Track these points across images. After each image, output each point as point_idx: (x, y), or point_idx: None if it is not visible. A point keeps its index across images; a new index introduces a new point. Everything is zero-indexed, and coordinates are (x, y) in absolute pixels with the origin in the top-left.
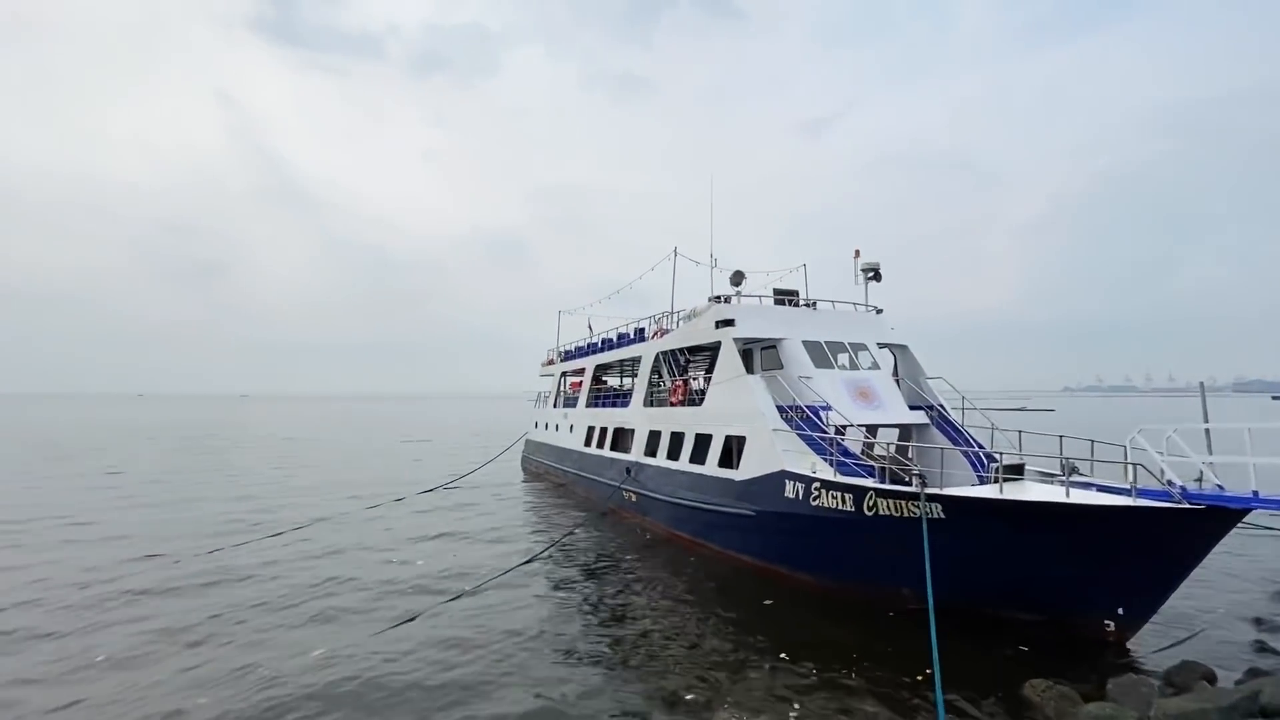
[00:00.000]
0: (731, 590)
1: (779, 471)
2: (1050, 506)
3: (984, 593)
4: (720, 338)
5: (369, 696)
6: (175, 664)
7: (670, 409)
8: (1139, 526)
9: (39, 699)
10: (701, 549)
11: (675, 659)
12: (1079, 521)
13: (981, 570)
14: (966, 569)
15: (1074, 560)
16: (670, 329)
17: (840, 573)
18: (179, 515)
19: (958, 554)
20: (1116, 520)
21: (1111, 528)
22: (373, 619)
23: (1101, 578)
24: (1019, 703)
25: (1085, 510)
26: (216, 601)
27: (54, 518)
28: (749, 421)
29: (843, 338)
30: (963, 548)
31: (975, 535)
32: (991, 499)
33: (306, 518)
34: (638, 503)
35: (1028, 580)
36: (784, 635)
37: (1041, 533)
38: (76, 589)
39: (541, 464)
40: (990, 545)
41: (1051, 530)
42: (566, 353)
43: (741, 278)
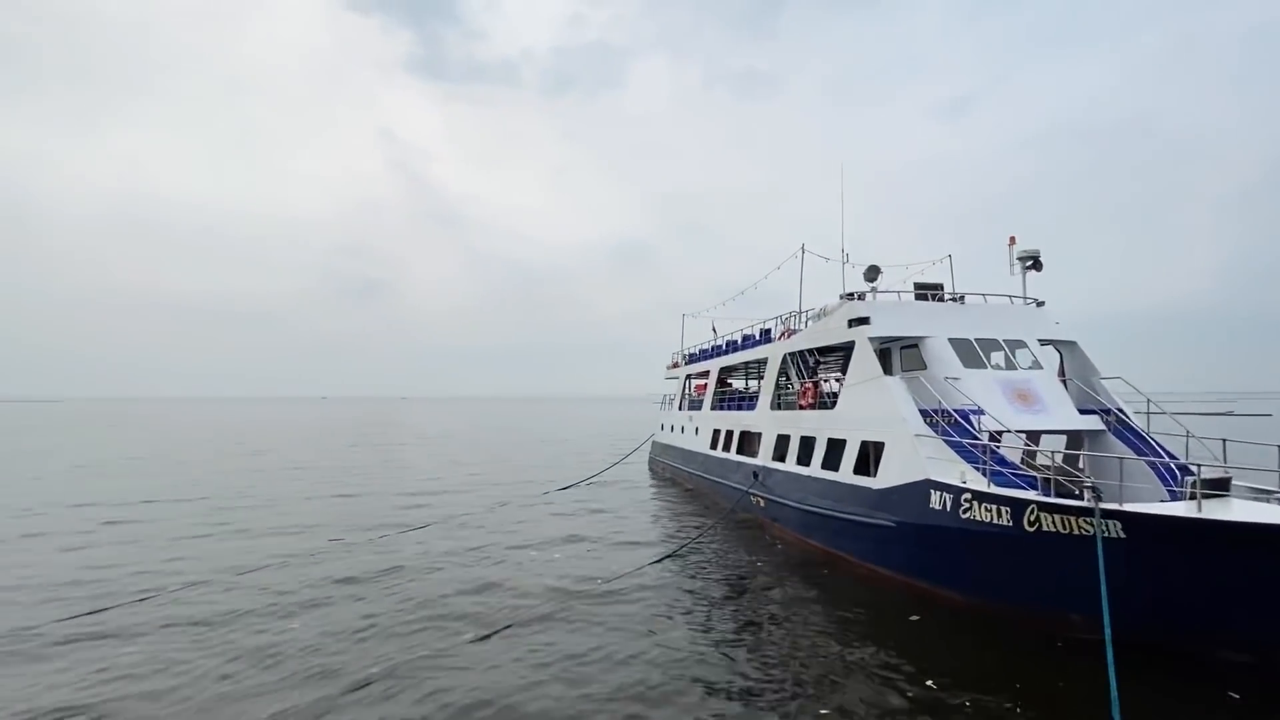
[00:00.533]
0: (871, 604)
1: (923, 480)
2: (1265, 529)
3: (1176, 625)
4: (854, 337)
5: (508, 685)
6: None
7: (799, 412)
8: None
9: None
10: (836, 558)
11: (809, 676)
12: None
13: (1173, 599)
14: (1154, 597)
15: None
16: (798, 329)
17: (995, 593)
18: (352, 507)
19: (1142, 579)
20: None
21: None
22: (516, 611)
23: None
24: None
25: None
26: (382, 588)
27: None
28: (888, 426)
29: (997, 334)
30: (1149, 572)
31: (1165, 559)
32: (1187, 518)
33: (456, 511)
34: (766, 508)
35: (1234, 614)
36: (932, 658)
37: (1253, 559)
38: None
39: (668, 465)
40: (1185, 571)
41: (1268, 557)
42: (691, 355)
43: (877, 272)
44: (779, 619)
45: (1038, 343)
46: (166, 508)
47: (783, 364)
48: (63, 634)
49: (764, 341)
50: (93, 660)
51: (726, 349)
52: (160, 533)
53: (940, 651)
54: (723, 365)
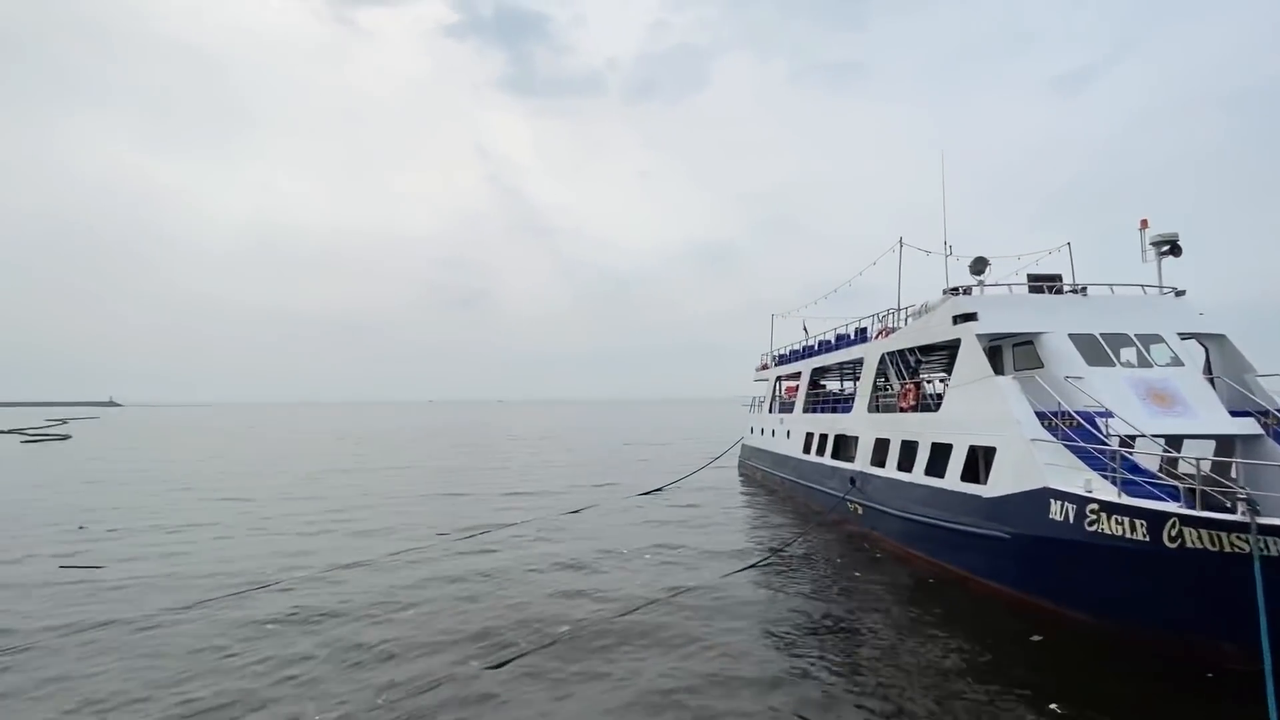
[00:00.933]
0: (985, 623)
1: (1041, 489)
2: None
3: None
4: (959, 334)
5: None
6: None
7: (900, 415)
8: None
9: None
10: (941, 570)
11: (917, 697)
12: None
13: None
14: None
15: None
16: (897, 327)
17: (1129, 615)
18: (454, 507)
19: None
20: None
21: None
22: (603, 615)
23: None
24: None
25: None
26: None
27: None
28: (999, 430)
29: (1127, 328)
30: None
31: None
32: None
33: (549, 513)
34: (864, 515)
35: None
36: (1056, 682)
37: None
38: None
39: (758, 469)
40: None
41: None
42: (781, 356)
43: (984, 264)
44: (882, 635)
45: (1177, 337)
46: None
47: (881, 364)
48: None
49: (860, 341)
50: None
51: (819, 349)
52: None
53: (1067, 677)
54: (815, 366)
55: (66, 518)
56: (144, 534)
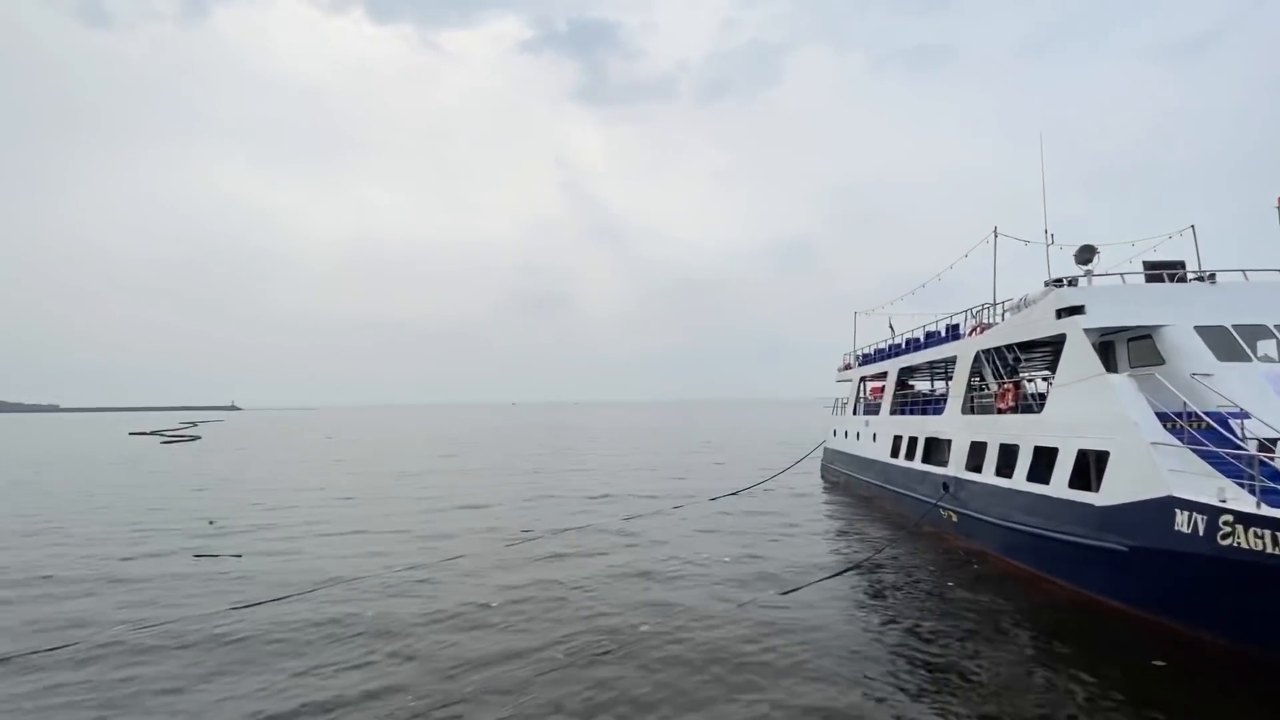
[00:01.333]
0: (1100, 642)
1: (1164, 498)
2: None
3: None
4: (1064, 329)
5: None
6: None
7: (998, 416)
8: None
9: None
10: (1048, 585)
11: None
12: None
13: None
14: None
15: None
16: (993, 323)
17: (1270, 638)
18: (537, 509)
19: None
20: None
21: None
22: (679, 619)
23: None
24: None
25: None
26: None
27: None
28: (1113, 432)
29: (1264, 319)
30: None
31: None
32: None
33: (631, 514)
34: (959, 523)
35: None
36: (1184, 710)
37: None
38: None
39: (841, 473)
40: None
41: None
42: (865, 356)
43: (1091, 253)
44: (981, 658)
45: None
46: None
47: (975, 362)
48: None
49: (951, 338)
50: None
51: (907, 348)
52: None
53: (1196, 707)
54: (902, 365)
55: (201, 509)
56: (270, 530)
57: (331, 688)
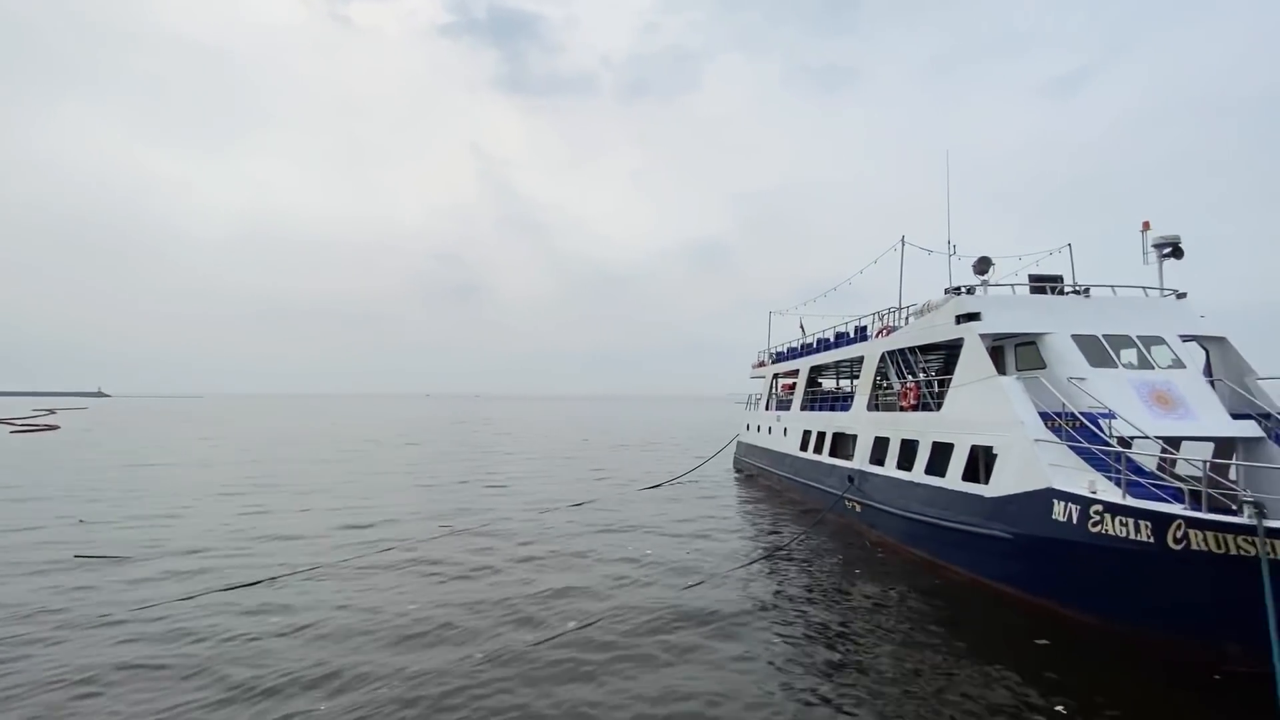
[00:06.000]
0: (989, 623)
1: (1044, 489)
2: None
3: None
4: (962, 334)
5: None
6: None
7: (900, 413)
8: None
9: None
10: (944, 571)
11: (920, 698)
12: None
13: None
14: None
15: None
16: (898, 326)
17: (1134, 616)
18: (446, 500)
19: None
20: None
21: None
22: (601, 613)
23: None
24: None
25: None
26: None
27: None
28: (1002, 430)
29: (1129, 330)
30: None
31: None
32: None
33: (545, 508)
34: (863, 514)
35: None
36: (1063, 684)
37: None
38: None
39: (754, 466)
40: None
41: None
42: (778, 354)
43: (988, 264)
44: (882, 636)
45: (1179, 339)
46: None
47: (881, 362)
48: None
49: (859, 339)
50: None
51: (817, 347)
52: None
53: (1072, 678)
54: (813, 364)
55: (66, 509)
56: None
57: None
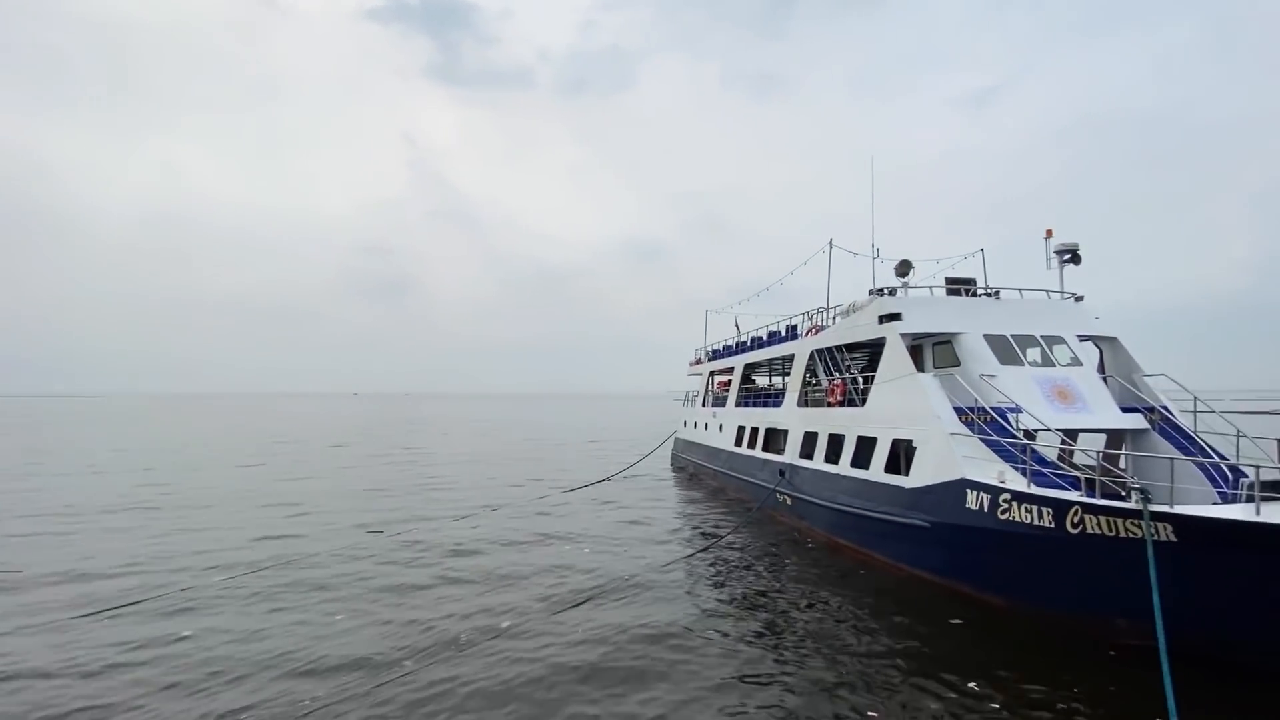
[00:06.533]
0: (909, 606)
1: (958, 480)
2: None
3: (1232, 636)
4: (884, 333)
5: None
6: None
7: (828, 409)
8: None
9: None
10: (868, 559)
11: (848, 678)
12: None
13: (1229, 608)
14: (1208, 605)
15: None
16: (826, 326)
17: (1037, 597)
18: (378, 504)
19: (1194, 585)
20: None
21: None
22: (539, 607)
23: None
24: None
25: None
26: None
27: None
28: (921, 424)
29: (1033, 330)
30: (1203, 579)
31: (1220, 565)
32: (1245, 522)
33: (478, 507)
34: (794, 506)
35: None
36: (973, 660)
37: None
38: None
39: (691, 462)
40: (1240, 578)
41: None
42: (714, 352)
43: (908, 267)
44: (811, 620)
45: (1077, 339)
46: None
47: (810, 360)
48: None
49: (790, 338)
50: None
51: (751, 345)
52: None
53: (983, 656)
54: (747, 362)
55: None
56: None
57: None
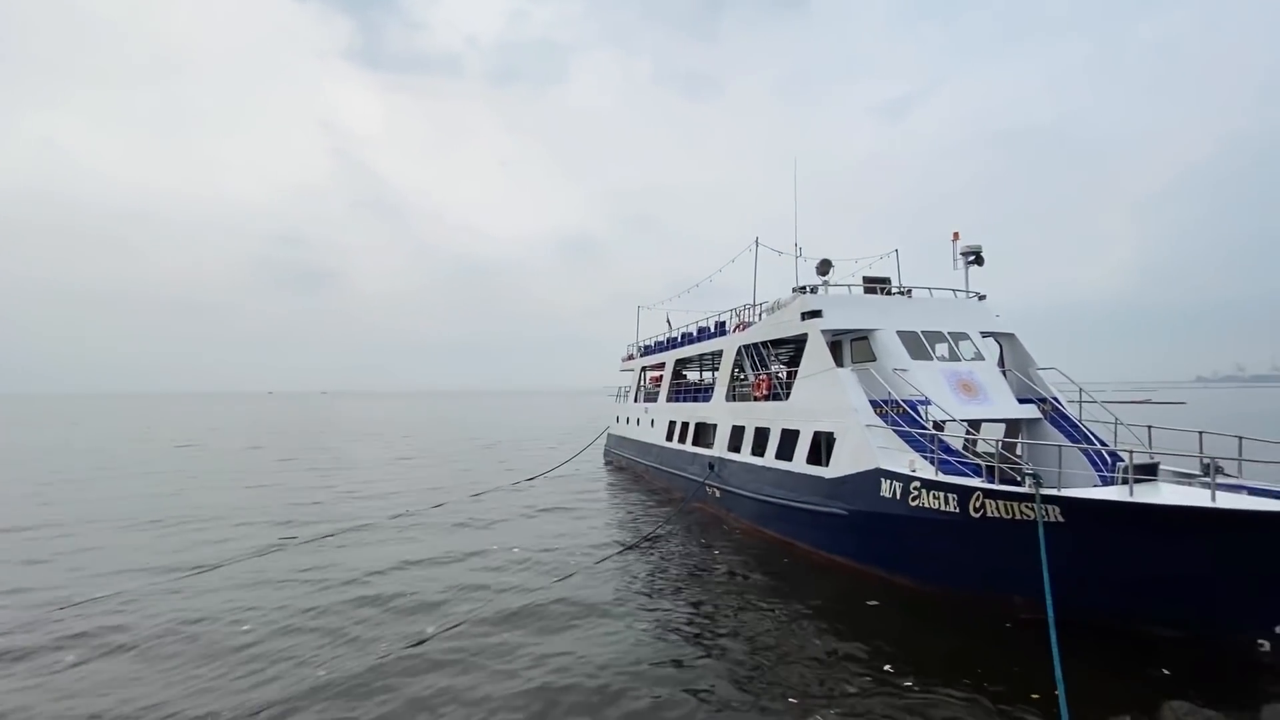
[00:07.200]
0: (828, 592)
1: (874, 469)
2: (1191, 511)
3: (1111, 605)
4: (806, 330)
5: (467, 673)
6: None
7: (754, 404)
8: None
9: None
10: (791, 547)
11: (768, 663)
12: (1228, 529)
13: (1107, 580)
14: (1089, 578)
15: (1220, 572)
16: (752, 322)
17: (944, 577)
18: (298, 510)
19: (1079, 562)
20: (1274, 527)
21: (1268, 535)
22: (471, 608)
23: (1254, 592)
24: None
25: (1235, 516)
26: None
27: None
28: (839, 417)
29: (941, 327)
30: (1085, 555)
31: (1100, 542)
32: (1120, 502)
33: (407, 509)
34: (722, 498)
35: (1163, 593)
36: (888, 642)
37: (1180, 541)
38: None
39: (624, 457)
40: (1118, 553)
41: (1193, 538)
42: (646, 348)
43: (829, 266)
44: (737, 608)
45: (980, 335)
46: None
47: (738, 356)
48: None
49: (719, 334)
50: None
51: (682, 341)
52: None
53: (896, 636)
54: (678, 358)
55: None
56: None
57: None
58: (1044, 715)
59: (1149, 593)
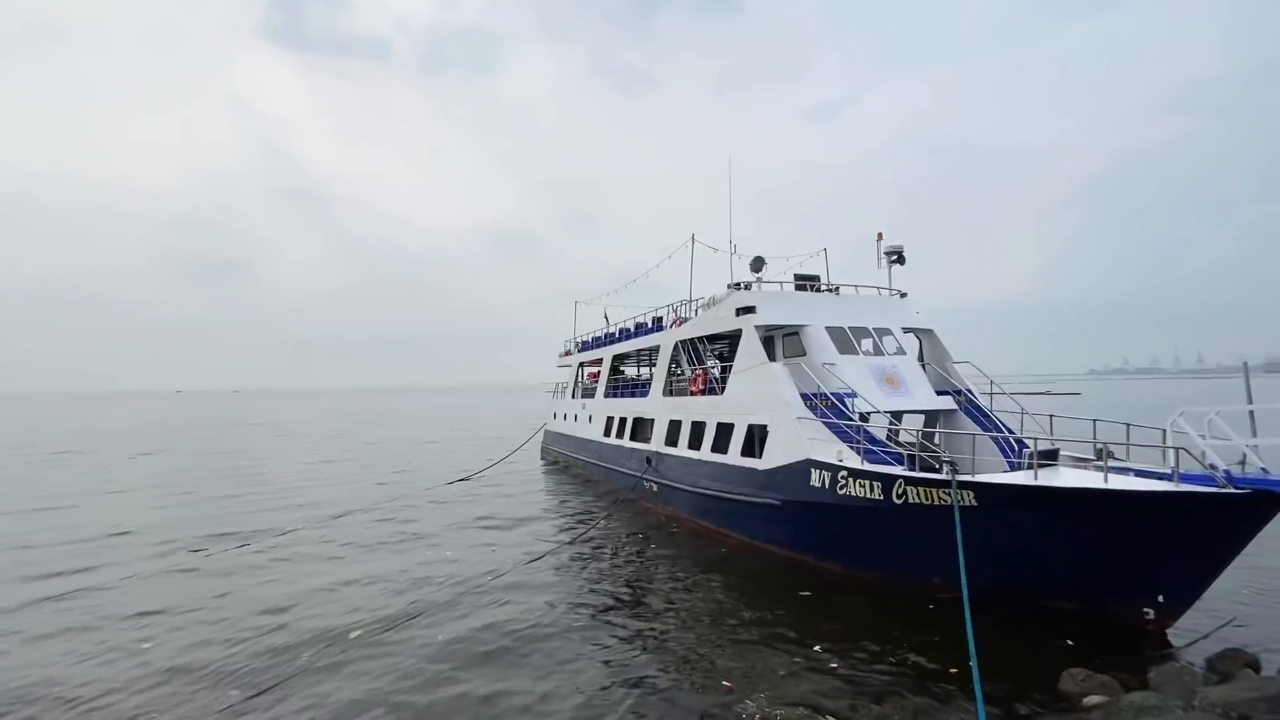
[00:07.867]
0: (762, 580)
1: (804, 460)
2: (1087, 493)
3: (1018, 581)
4: (741, 325)
5: (405, 676)
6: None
7: (690, 398)
8: (1181, 512)
9: None
10: (727, 538)
11: (705, 650)
12: (1118, 508)
13: (1015, 558)
14: (1000, 557)
15: (1111, 548)
16: (689, 318)
17: (869, 561)
18: (212, 512)
19: (991, 542)
20: (1158, 506)
21: (1152, 514)
22: (410, 606)
23: (1140, 565)
24: (1058, 694)
25: (1124, 496)
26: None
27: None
28: (772, 410)
29: (867, 323)
30: (996, 536)
31: (1008, 523)
32: (1025, 485)
33: (336, 511)
34: (659, 492)
35: (1063, 568)
36: (818, 625)
37: (1078, 520)
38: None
39: (561, 454)
40: (1024, 533)
41: (1088, 517)
42: (583, 343)
43: (762, 263)
44: (675, 599)
45: (901, 330)
46: None
47: (674, 351)
48: None
49: (656, 330)
50: None
51: (619, 337)
52: None
53: (826, 619)
54: (615, 353)
55: None
56: None
57: None
58: (962, 689)
59: (1052, 569)
